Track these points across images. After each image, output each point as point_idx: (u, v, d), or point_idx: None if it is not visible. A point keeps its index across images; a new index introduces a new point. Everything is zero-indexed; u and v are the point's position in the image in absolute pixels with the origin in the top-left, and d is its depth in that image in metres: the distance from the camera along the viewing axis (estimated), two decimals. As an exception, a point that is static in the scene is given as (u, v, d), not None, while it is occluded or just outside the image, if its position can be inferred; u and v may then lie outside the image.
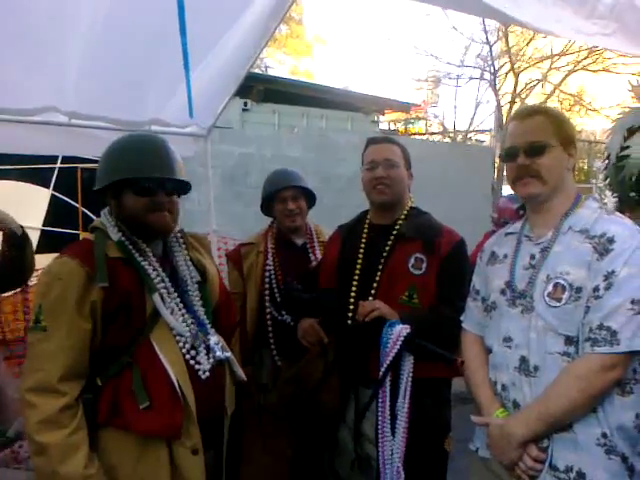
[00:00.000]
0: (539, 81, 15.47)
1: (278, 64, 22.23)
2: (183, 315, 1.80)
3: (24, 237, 2.35)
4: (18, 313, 5.05)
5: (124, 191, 1.76)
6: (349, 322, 2.20)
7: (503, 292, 1.79)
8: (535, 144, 1.72)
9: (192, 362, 1.76)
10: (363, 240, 2.33)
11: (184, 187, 1.89)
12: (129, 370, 1.67)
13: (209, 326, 1.88)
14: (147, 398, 1.65)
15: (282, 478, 2.23)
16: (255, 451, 2.09)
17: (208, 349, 1.82)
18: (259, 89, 10.22)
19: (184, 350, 1.76)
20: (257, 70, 13.43)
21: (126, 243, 1.76)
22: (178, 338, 1.76)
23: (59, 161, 7.12)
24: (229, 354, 1.92)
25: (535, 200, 1.77)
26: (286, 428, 2.26)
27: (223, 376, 1.89)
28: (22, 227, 2.36)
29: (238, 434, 1.99)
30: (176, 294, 1.81)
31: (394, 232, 2.27)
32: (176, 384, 1.68)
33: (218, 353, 1.84)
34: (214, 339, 1.86)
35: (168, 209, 1.80)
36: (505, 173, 2.00)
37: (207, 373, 1.78)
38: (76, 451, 1.57)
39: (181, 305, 1.81)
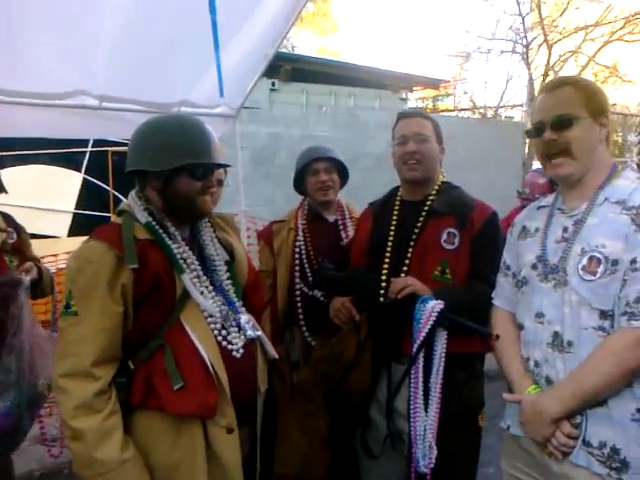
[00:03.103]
0: (573, 53, 15.08)
1: (304, 43, 22.07)
2: (213, 296, 1.81)
3: None
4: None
5: (178, 174, 1.76)
6: (381, 299, 2.20)
7: (534, 267, 1.75)
8: (562, 117, 1.66)
9: (224, 342, 1.77)
10: (394, 217, 2.32)
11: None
12: (161, 352, 1.67)
13: (239, 305, 1.89)
14: (181, 379, 1.64)
15: (319, 457, 2.26)
16: (290, 430, 2.12)
17: (239, 328, 1.83)
18: (286, 69, 10.17)
19: (215, 330, 1.76)
20: (284, 49, 13.35)
21: (154, 225, 1.77)
22: (209, 319, 1.76)
23: (90, 145, 7.22)
24: (260, 333, 1.92)
25: (567, 180, 1.72)
26: (320, 406, 2.29)
27: (255, 355, 1.89)
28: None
29: (272, 412, 1.99)
30: (205, 275, 1.82)
31: (426, 208, 2.25)
32: (209, 364, 1.68)
33: (249, 332, 1.85)
34: (245, 318, 1.87)
35: (210, 193, 1.83)
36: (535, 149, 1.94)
37: (240, 352, 1.79)
38: (111, 435, 1.58)
39: (210, 286, 1.82)
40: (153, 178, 1.79)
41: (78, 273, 1.66)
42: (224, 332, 1.78)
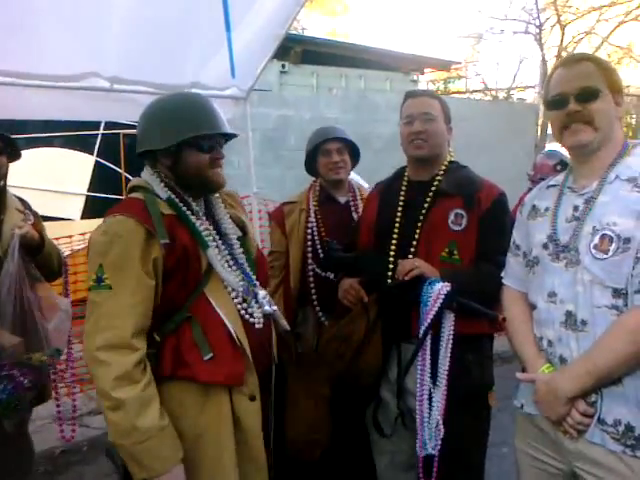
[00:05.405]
0: (587, 33, 14.85)
1: (315, 25, 21.88)
2: (234, 270, 1.85)
3: None
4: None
5: (185, 149, 1.79)
6: (389, 281, 2.20)
7: (545, 246, 1.74)
8: (587, 89, 1.64)
9: (244, 314, 1.82)
10: (401, 197, 2.30)
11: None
12: (187, 324, 1.72)
13: (254, 279, 1.93)
14: (210, 350, 1.70)
15: (323, 419, 2.32)
16: (298, 396, 2.20)
17: (257, 302, 1.88)
18: (297, 51, 10.11)
19: (237, 304, 1.81)
20: (294, 31, 13.24)
21: (176, 201, 1.80)
22: (231, 292, 1.81)
23: (102, 127, 7.24)
24: (275, 308, 1.98)
25: (585, 149, 1.69)
26: (324, 373, 2.37)
27: (270, 327, 1.95)
28: None
29: (282, 381, 2.07)
30: (225, 249, 1.86)
31: (433, 188, 2.23)
32: (234, 335, 1.74)
33: (267, 307, 1.90)
34: (262, 293, 1.92)
35: (220, 165, 1.86)
36: (550, 124, 1.89)
37: (260, 324, 1.85)
38: (151, 404, 1.61)
39: (231, 261, 1.86)
40: (163, 156, 1.81)
41: (108, 247, 1.66)
42: (244, 305, 1.83)
